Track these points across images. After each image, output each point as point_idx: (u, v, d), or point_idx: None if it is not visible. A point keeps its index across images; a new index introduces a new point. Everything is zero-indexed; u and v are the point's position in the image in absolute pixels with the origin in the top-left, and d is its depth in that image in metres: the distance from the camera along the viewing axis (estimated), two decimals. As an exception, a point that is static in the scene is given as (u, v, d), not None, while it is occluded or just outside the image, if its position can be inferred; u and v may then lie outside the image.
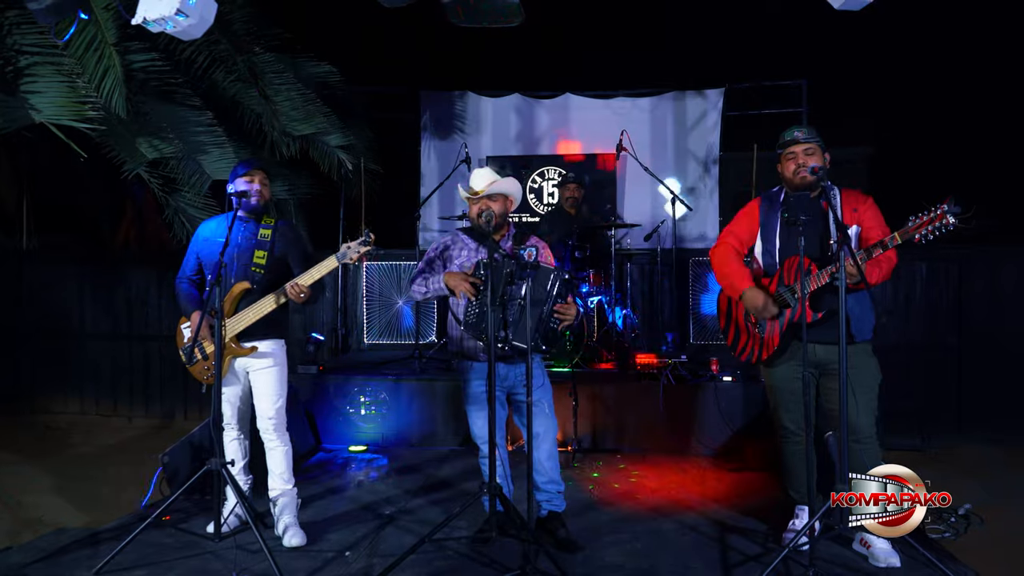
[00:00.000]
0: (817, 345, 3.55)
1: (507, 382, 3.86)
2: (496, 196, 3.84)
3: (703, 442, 5.61)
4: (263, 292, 3.86)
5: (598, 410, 5.77)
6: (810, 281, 3.42)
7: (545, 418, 3.85)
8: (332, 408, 6.03)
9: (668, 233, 7.13)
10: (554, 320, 3.62)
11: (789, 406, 3.72)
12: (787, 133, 3.66)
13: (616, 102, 8.27)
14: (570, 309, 3.64)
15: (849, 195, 3.62)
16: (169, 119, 5.79)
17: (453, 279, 3.71)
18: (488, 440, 3.48)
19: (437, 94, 8.46)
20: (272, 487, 3.97)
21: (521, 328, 3.49)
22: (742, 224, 3.85)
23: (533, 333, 3.57)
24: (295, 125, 6.71)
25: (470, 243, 3.94)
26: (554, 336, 3.70)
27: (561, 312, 3.61)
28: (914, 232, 3.18)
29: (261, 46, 6.58)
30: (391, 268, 7.77)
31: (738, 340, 3.85)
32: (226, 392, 3.96)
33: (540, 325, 3.57)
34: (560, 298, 3.60)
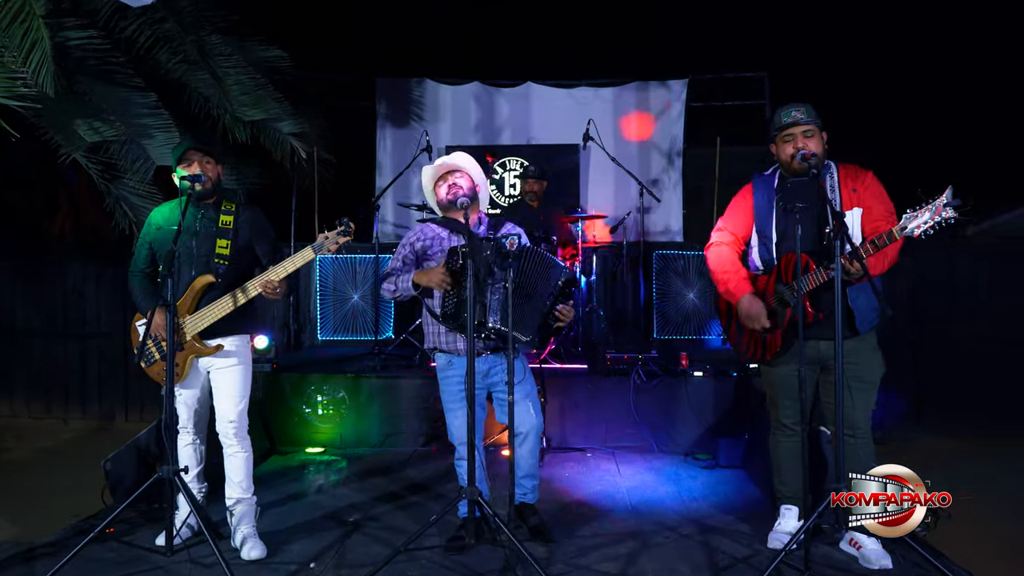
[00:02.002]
0: (821, 341, 3.41)
1: (489, 379, 3.66)
2: (459, 172, 3.67)
3: (675, 439, 5.47)
4: (228, 286, 3.57)
5: (567, 407, 5.59)
6: (808, 279, 3.27)
7: (530, 416, 3.65)
8: (287, 408, 5.71)
9: (632, 226, 6.99)
10: (555, 318, 3.47)
11: (787, 402, 3.58)
12: (785, 113, 3.48)
13: (579, 92, 8.10)
14: (570, 312, 3.51)
15: (847, 172, 3.45)
16: (110, 100, 5.39)
17: (424, 277, 3.51)
18: (467, 441, 3.27)
19: (394, 81, 8.18)
20: (230, 495, 3.68)
21: (505, 314, 3.30)
22: (736, 216, 3.67)
23: (534, 327, 3.39)
24: (245, 110, 6.37)
25: (443, 233, 3.71)
26: (548, 333, 3.53)
27: (563, 313, 3.47)
28: (913, 227, 3.04)
29: (208, 27, 6.23)
30: (346, 261, 7.46)
31: (740, 340, 3.68)
32: (184, 394, 3.66)
33: (542, 319, 3.44)
34: (564, 298, 3.46)
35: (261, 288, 3.50)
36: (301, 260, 3.51)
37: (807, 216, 3.32)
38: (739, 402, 5.45)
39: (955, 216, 3.00)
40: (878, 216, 3.35)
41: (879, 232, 3.18)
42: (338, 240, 3.51)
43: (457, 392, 3.59)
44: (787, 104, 3.52)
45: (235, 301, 3.55)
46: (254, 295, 3.56)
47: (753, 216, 3.58)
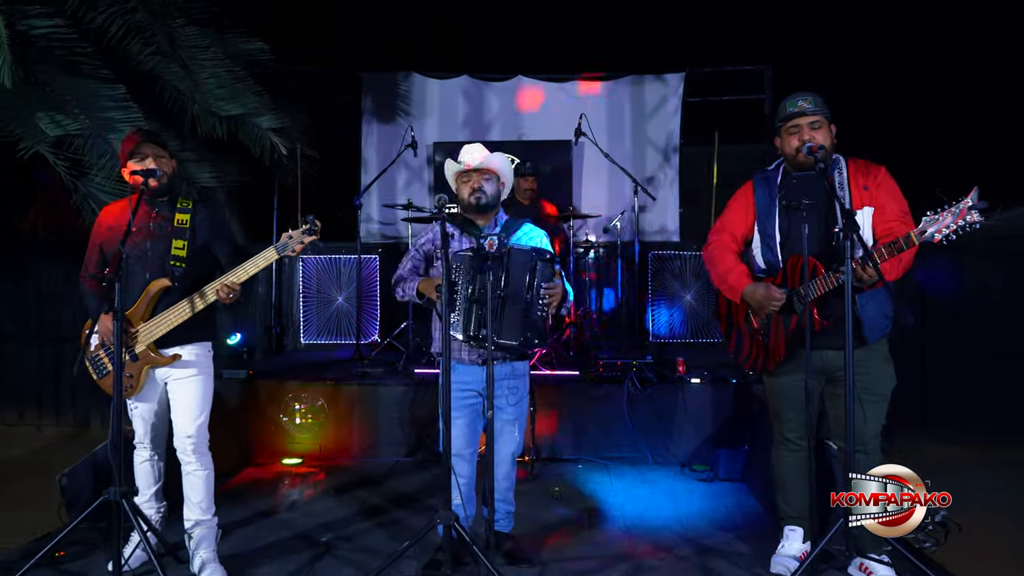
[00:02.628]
0: (827, 351, 3.14)
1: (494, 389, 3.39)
2: (488, 172, 3.38)
3: (671, 450, 5.20)
4: (186, 289, 3.31)
5: (557, 416, 5.32)
6: (816, 285, 3.00)
7: (513, 438, 3.41)
8: (263, 417, 5.43)
9: (627, 225, 6.72)
10: (540, 307, 3.19)
11: (791, 415, 3.31)
12: (790, 103, 3.20)
13: (571, 86, 7.82)
14: (555, 289, 3.22)
15: (858, 168, 3.18)
16: (74, 92, 5.11)
17: (426, 285, 3.31)
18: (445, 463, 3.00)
19: (379, 75, 7.88)
20: (188, 517, 3.40)
21: (506, 324, 3.11)
22: (735, 215, 3.39)
23: (520, 328, 3.12)
24: (222, 104, 6.10)
25: (455, 232, 3.44)
26: (543, 327, 3.26)
27: (548, 294, 3.19)
28: (933, 231, 2.78)
29: (185, 18, 5.96)
30: (330, 262, 7.19)
31: (740, 348, 3.41)
32: (139, 407, 3.40)
33: (526, 317, 3.17)
34: (543, 282, 3.18)
35: (218, 292, 3.23)
36: (263, 261, 3.25)
37: (813, 215, 3.06)
38: (739, 411, 5.18)
39: (980, 220, 2.73)
40: (891, 216, 3.08)
41: (893, 234, 2.91)
42: (303, 240, 3.24)
43: (459, 399, 3.32)
44: (792, 93, 3.25)
45: (193, 307, 3.29)
46: (214, 300, 3.29)
47: (755, 215, 3.30)
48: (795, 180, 3.16)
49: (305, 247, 3.27)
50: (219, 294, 3.24)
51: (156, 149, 3.34)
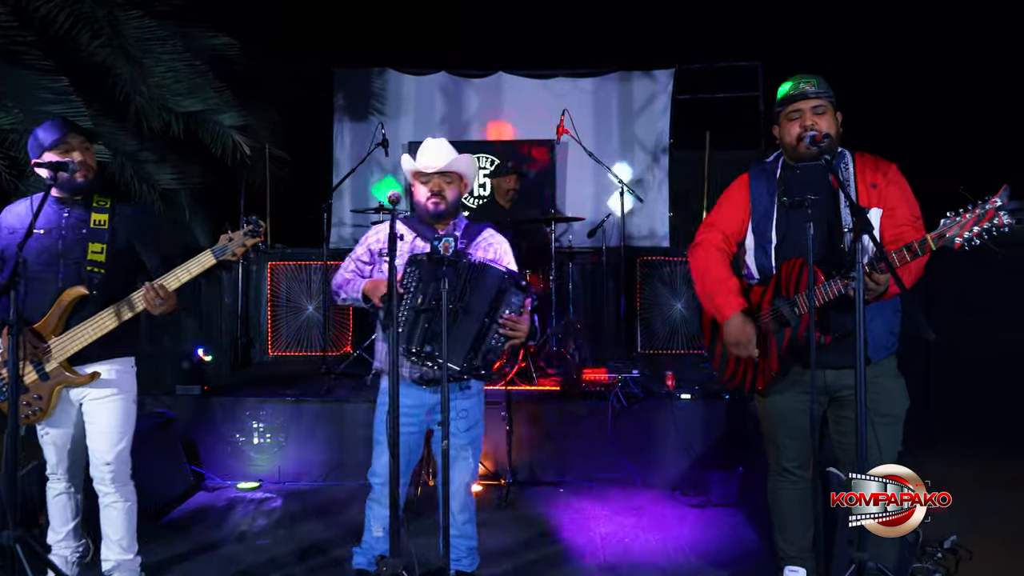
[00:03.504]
0: (827, 370, 2.76)
1: (436, 414, 2.98)
2: (452, 176, 2.98)
3: (660, 472, 4.80)
4: (106, 299, 2.92)
5: (537, 436, 4.91)
6: (816, 294, 2.61)
7: (467, 465, 2.99)
8: (219, 437, 5.01)
9: (614, 229, 6.33)
10: (498, 337, 2.78)
11: (789, 441, 2.91)
12: (791, 85, 2.82)
13: (555, 82, 7.40)
14: (521, 324, 2.81)
15: (865, 164, 2.80)
16: (10, 84, 4.71)
17: (372, 287, 2.93)
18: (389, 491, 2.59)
19: (353, 71, 7.48)
20: (106, 557, 3.01)
21: (451, 343, 2.68)
22: (728, 211, 2.99)
23: (467, 352, 2.72)
24: (179, 100, 5.70)
25: (409, 234, 3.06)
26: (493, 359, 2.85)
27: (511, 327, 2.78)
28: (954, 235, 2.39)
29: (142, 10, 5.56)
30: (299, 269, 6.77)
31: (726, 364, 3.01)
32: (51, 433, 3.01)
33: (477, 343, 2.76)
34: (510, 309, 2.78)
35: (144, 298, 2.84)
36: (198, 267, 2.87)
37: (816, 213, 2.67)
38: (733, 429, 4.79)
39: (1011, 223, 2.34)
40: (902, 220, 2.69)
41: (903, 240, 2.52)
42: (245, 243, 2.87)
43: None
44: (795, 75, 2.87)
45: (119, 317, 2.89)
46: (141, 309, 2.89)
47: (750, 212, 2.91)
48: (798, 171, 2.76)
49: (249, 249, 2.87)
50: (146, 300, 2.84)
51: (83, 141, 2.96)
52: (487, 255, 3.00)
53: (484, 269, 2.81)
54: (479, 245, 3.04)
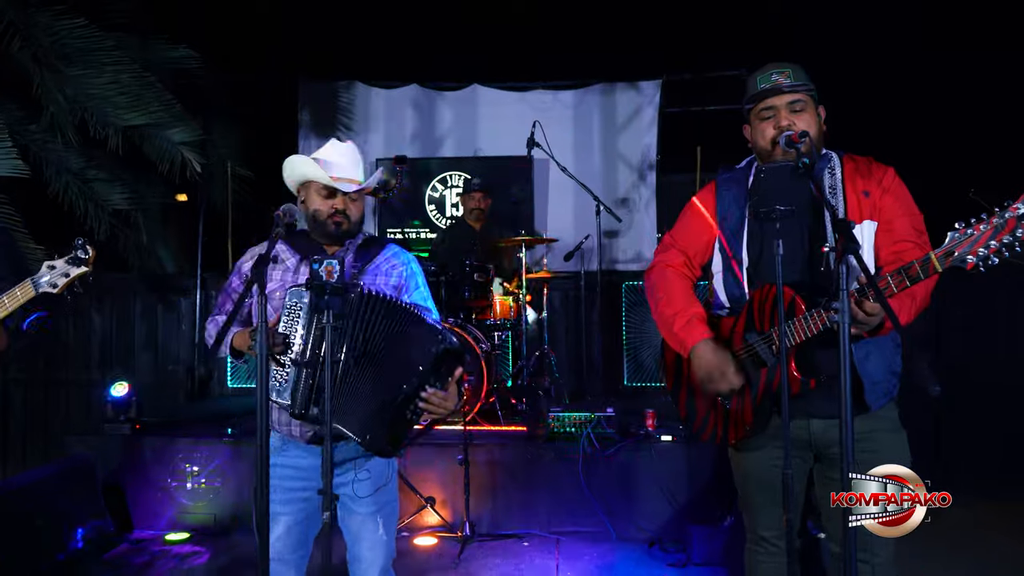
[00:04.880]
0: (813, 419, 2.25)
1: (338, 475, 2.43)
2: (358, 193, 2.45)
3: (637, 523, 4.27)
4: None
5: (499, 481, 4.40)
6: (796, 328, 2.11)
7: (376, 538, 2.45)
8: (148, 481, 4.54)
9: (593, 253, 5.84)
10: (414, 410, 2.26)
11: (766, 507, 2.39)
12: (761, 78, 2.33)
13: (533, 95, 6.96)
14: (448, 401, 2.28)
15: (856, 167, 2.30)
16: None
17: (240, 339, 2.36)
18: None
19: (319, 85, 7.07)
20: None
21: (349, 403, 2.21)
22: (690, 227, 2.50)
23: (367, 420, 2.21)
24: (121, 114, 5.30)
25: (292, 258, 2.48)
26: (406, 430, 2.33)
27: (431, 403, 2.25)
28: (965, 252, 1.87)
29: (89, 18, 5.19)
30: (262, 293, 6.30)
31: (694, 412, 2.48)
32: None
33: (382, 410, 2.23)
34: (437, 377, 2.26)
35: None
36: (14, 302, 2.38)
37: (794, 228, 2.17)
38: (721, 476, 4.23)
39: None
40: (902, 234, 2.18)
41: (903, 259, 1.99)
42: (69, 272, 2.37)
43: (287, 490, 2.39)
44: (765, 65, 2.38)
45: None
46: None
47: (717, 228, 2.41)
48: (763, 174, 2.24)
49: (73, 283, 2.38)
50: None
51: None
52: (389, 280, 2.47)
53: (408, 323, 2.27)
54: (378, 268, 2.48)
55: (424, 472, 4.39)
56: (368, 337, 2.22)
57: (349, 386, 2.22)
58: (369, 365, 2.23)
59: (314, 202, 2.43)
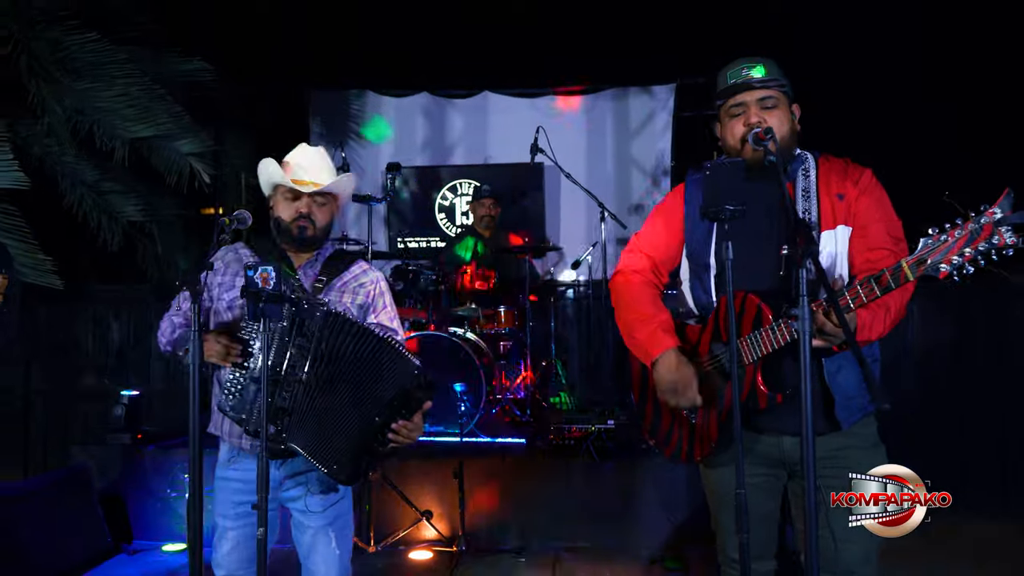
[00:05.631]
0: (784, 436, 2.12)
1: (283, 491, 2.39)
2: (326, 196, 2.43)
3: (637, 539, 4.13)
4: None
5: (496, 496, 4.31)
6: (762, 339, 1.99)
7: (330, 552, 2.38)
8: (148, 491, 4.53)
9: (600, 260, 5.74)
10: (382, 441, 2.21)
11: (735, 524, 2.25)
12: (731, 72, 2.22)
13: (544, 101, 6.87)
14: (415, 432, 2.24)
15: (831, 169, 2.17)
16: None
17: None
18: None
19: (329, 93, 7.08)
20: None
21: (311, 427, 2.17)
22: (656, 231, 2.37)
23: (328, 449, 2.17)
24: (128, 126, 5.35)
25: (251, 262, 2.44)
26: (368, 462, 2.28)
27: (399, 435, 2.20)
28: (938, 261, 1.73)
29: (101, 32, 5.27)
30: (270, 304, 6.30)
31: (658, 427, 2.36)
32: None
33: (353, 441, 2.20)
34: (408, 410, 2.21)
35: None
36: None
37: (754, 228, 2.05)
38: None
39: (1016, 242, 1.67)
40: (877, 240, 2.04)
41: (879, 267, 1.85)
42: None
43: (236, 504, 2.34)
44: (737, 60, 2.27)
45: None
46: None
47: (683, 233, 2.29)
48: (708, 172, 2.09)
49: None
50: None
51: None
52: (356, 299, 2.41)
53: (390, 356, 2.20)
54: (346, 285, 2.43)
55: (421, 485, 4.31)
56: (333, 359, 2.18)
57: (315, 411, 2.17)
58: (338, 390, 2.19)
59: (279, 206, 2.42)
